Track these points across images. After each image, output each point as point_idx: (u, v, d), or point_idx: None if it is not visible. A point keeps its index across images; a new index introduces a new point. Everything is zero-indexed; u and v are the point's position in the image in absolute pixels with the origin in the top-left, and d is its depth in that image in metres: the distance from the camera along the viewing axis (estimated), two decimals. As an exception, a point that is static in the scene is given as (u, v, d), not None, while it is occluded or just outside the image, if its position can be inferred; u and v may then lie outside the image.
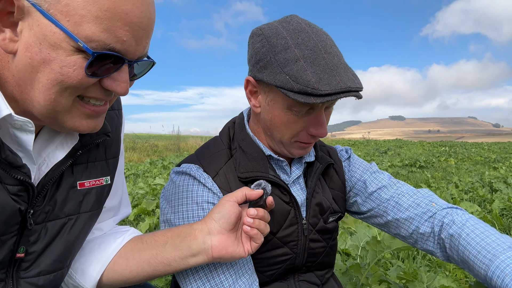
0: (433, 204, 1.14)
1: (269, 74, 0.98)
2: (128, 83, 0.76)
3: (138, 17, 0.70)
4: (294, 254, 1.16)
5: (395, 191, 1.20)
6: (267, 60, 0.99)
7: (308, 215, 1.17)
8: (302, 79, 0.92)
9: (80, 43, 0.65)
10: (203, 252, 0.93)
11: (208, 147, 1.17)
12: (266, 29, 1.02)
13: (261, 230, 0.96)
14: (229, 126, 1.22)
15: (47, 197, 0.85)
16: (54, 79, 0.68)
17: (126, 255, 1.00)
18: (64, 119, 0.75)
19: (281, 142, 1.09)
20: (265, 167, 1.11)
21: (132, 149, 15.30)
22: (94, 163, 0.95)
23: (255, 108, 1.11)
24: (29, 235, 0.84)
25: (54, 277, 0.90)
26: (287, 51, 0.95)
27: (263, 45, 1.00)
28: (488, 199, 4.65)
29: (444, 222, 1.08)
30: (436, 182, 6.58)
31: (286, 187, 1.12)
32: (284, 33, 0.98)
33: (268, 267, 1.14)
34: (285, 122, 1.04)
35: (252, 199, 0.97)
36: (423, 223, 1.12)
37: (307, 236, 1.17)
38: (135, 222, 3.74)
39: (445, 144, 21.91)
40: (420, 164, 9.81)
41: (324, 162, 1.22)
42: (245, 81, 1.09)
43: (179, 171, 1.11)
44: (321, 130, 1.04)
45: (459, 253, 1.00)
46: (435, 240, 1.11)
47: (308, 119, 1.03)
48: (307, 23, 1.01)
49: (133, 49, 0.72)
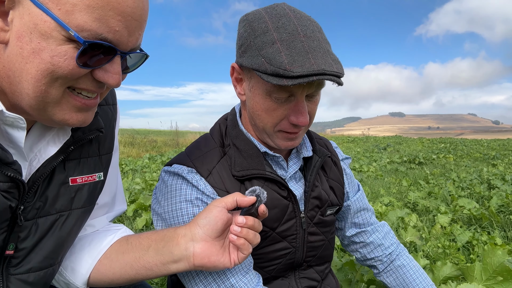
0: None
1: (248, 58, 0.97)
2: (120, 75, 0.75)
3: (131, 7, 0.69)
4: (293, 248, 1.16)
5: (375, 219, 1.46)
6: (248, 44, 0.98)
7: (306, 209, 1.17)
8: (276, 61, 0.90)
9: (71, 32, 0.64)
10: (184, 259, 0.90)
11: (199, 146, 1.15)
12: (250, 15, 1.02)
13: (249, 240, 0.91)
14: (220, 123, 1.20)
15: (38, 193, 0.84)
16: (44, 70, 0.67)
17: (110, 256, 0.98)
18: (53, 111, 0.74)
19: (264, 131, 1.07)
20: (261, 164, 1.09)
21: (131, 145, 15.27)
22: (86, 159, 0.94)
23: (240, 96, 1.10)
24: (19, 232, 0.83)
25: (45, 273, 0.89)
26: (266, 34, 0.94)
27: (245, 30, 1.00)
28: (486, 196, 4.65)
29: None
30: (435, 178, 6.58)
31: (284, 182, 1.11)
32: (266, 18, 0.97)
33: (268, 262, 1.14)
34: (265, 109, 1.02)
35: (243, 206, 0.92)
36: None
37: (305, 229, 1.17)
38: (133, 217, 3.74)
39: (444, 141, 21.90)
40: (419, 160, 9.81)
41: (323, 156, 1.22)
42: (231, 67, 1.08)
43: (171, 171, 1.09)
44: (301, 118, 1.00)
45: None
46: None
47: (289, 106, 1.01)
48: (292, 9, 0.99)
49: (126, 40, 0.71)
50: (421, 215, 3.98)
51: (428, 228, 3.39)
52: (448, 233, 3.10)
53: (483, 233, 3.03)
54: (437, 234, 3.12)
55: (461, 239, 2.92)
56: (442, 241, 2.82)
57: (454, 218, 3.67)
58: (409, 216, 3.47)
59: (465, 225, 3.47)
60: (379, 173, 7.43)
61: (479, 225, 3.48)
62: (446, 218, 3.50)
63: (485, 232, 3.07)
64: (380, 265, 1.42)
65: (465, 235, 2.96)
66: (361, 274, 1.95)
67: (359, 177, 6.86)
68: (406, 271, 1.38)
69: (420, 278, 1.37)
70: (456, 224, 3.31)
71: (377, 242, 1.41)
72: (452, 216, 3.64)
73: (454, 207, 3.96)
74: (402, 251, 1.43)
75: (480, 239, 2.89)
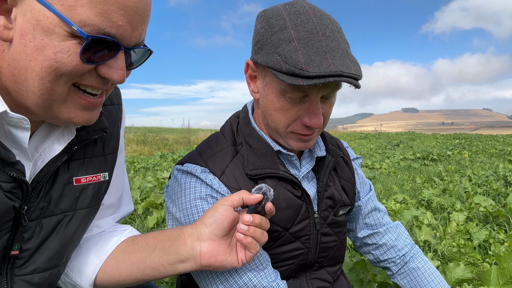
0: None
1: (264, 55, 0.94)
2: (124, 71, 0.74)
3: (134, 1, 0.68)
4: (306, 249, 1.14)
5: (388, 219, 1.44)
6: (264, 40, 0.95)
7: (320, 209, 1.15)
8: (292, 59, 0.87)
9: (74, 27, 0.63)
10: (191, 259, 0.89)
11: (211, 145, 1.13)
12: (268, 11, 0.99)
13: (257, 238, 0.89)
14: (231, 121, 1.18)
15: (42, 193, 0.84)
16: (48, 66, 0.66)
17: (117, 257, 0.98)
18: (59, 110, 0.73)
19: (277, 131, 1.05)
20: (275, 163, 1.07)
21: (143, 143, 15.44)
22: (91, 159, 0.93)
23: (253, 94, 1.08)
24: (24, 232, 0.82)
25: (50, 274, 0.89)
26: (284, 31, 0.91)
27: (262, 26, 0.97)
28: (503, 193, 4.54)
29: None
30: (449, 175, 6.46)
31: (298, 182, 1.08)
32: (284, 14, 0.94)
33: (280, 263, 1.12)
34: (278, 108, 0.99)
35: (250, 204, 0.90)
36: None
37: (319, 230, 1.15)
38: (144, 216, 3.76)
39: (459, 137, 21.52)
40: (433, 157, 9.65)
41: (336, 155, 1.19)
42: (245, 64, 1.06)
43: (184, 170, 1.07)
44: (314, 120, 0.97)
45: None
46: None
47: (302, 107, 0.98)
48: (312, 7, 0.96)
49: (129, 35, 0.70)
50: (436, 212, 3.90)
51: (443, 226, 3.33)
52: (464, 232, 3.02)
53: (500, 231, 2.95)
54: (452, 232, 3.05)
55: (477, 238, 2.85)
56: (457, 240, 2.76)
57: (470, 216, 3.59)
58: (424, 214, 3.41)
59: (481, 223, 3.39)
60: (392, 170, 7.33)
61: (495, 223, 3.39)
62: (461, 216, 3.42)
63: (502, 230, 2.99)
64: (394, 267, 1.39)
65: (481, 234, 2.88)
66: (373, 274, 1.91)
67: (372, 174, 6.78)
68: (421, 273, 1.34)
69: (435, 281, 1.33)
70: (472, 222, 3.23)
71: (390, 243, 1.37)
72: (467, 213, 3.56)
73: (470, 205, 3.87)
74: (416, 253, 1.39)
75: (497, 238, 2.81)
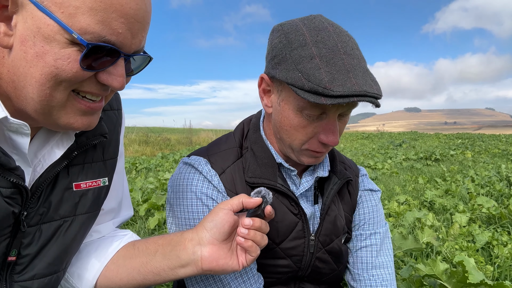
0: None
1: (282, 71, 0.92)
2: (124, 78, 0.75)
3: (134, 9, 0.68)
4: (296, 268, 1.12)
5: (382, 272, 1.20)
6: (282, 56, 0.93)
7: (319, 232, 1.12)
8: (315, 77, 0.85)
9: (75, 34, 0.64)
10: (192, 263, 0.90)
11: (219, 143, 1.15)
12: (286, 25, 0.97)
13: (257, 242, 0.90)
14: (244, 123, 1.19)
15: (41, 198, 0.84)
16: (48, 73, 0.67)
17: (117, 262, 0.98)
18: (58, 115, 0.74)
19: (290, 147, 1.03)
20: (274, 175, 1.06)
21: (145, 143, 15.45)
22: (91, 164, 0.93)
23: (267, 108, 1.06)
24: (23, 238, 0.82)
25: (49, 280, 0.88)
26: (304, 48, 0.89)
27: (280, 41, 0.95)
28: (506, 194, 4.52)
29: None
30: (452, 176, 6.43)
31: (295, 198, 1.07)
32: (303, 30, 0.92)
33: (268, 275, 1.11)
34: (295, 125, 0.97)
35: (249, 208, 0.91)
36: None
37: (313, 253, 1.12)
38: (145, 217, 3.76)
39: (462, 136, 21.44)
40: (435, 157, 9.62)
41: (343, 178, 1.15)
42: (259, 78, 1.04)
43: (188, 162, 1.10)
44: (332, 137, 0.95)
45: None
46: None
47: (320, 124, 0.96)
48: (331, 23, 0.94)
49: (129, 42, 0.71)
50: (438, 214, 3.89)
51: (445, 227, 3.31)
52: (467, 233, 3.01)
53: (503, 233, 2.93)
54: (455, 234, 3.03)
55: (480, 240, 2.83)
56: (460, 241, 2.74)
57: (473, 217, 3.57)
58: (426, 216, 3.39)
59: (484, 225, 3.37)
60: (394, 170, 7.31)
61: (499, 225, 3.37)
62: (464, 217, 3.40)
63: (505, 232, 2.97)
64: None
65: (484, 235, 2.86)
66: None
67: (374, 175, 6.76)
68: None
69: None
70: (475, 224, 3.21)
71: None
72: (470, 215, 3.54)
73: (472, 206, 3.85)
74: None
75: (500, 240, 2.79)
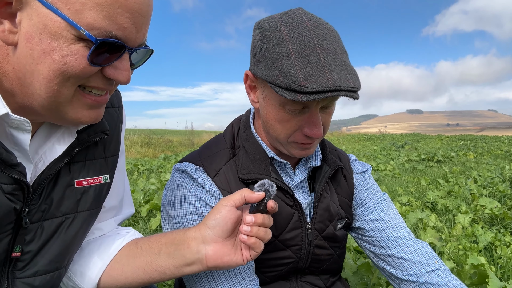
0: (436, 261, 1.13)
1: (262, 68, 0.94)
2: (129, 71, 0.76)
3: (138, 3, 0.69)
4: (297, 258, 1.13)
5: (402, 233, 1.18)
6: (262, 53, 0.95)
7: (314, 220, 1.14)
8: (290, 75, 0.87)
9: (83, 30, 0.65)
10: (197, 262, 0.90)
11: (210, 146, 1.16)
12: (266, 22, 0.98)
13: (261, 237, 0.90)
14: (233, 124, 1.20)
15: (43, 195, 0.84)
16: (56, 70, 0.67)
17: (121, 260, 0.98)
18: (65, 110, 0.74)
19: (278, 141, 1.05)
20: (267, 169, 1.08)
21: (147, 145, 15.46)
22: (92, 161, 0.94)
23: (254, 104, 1.08)
24: (25, 234, 0.82)
25: (51, 277, 0.89)
26: (281, 45, 0.91)
27: (260, 38, 0.97)
28: (509, 195, 4.50)
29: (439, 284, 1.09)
30: (455, 177, 6.41)
31: (289, 190, 1.08)
32: (281, 27, 0.93)
33: (269, 268, 1.12)
34: (279, 120, 0.99)
35: (252, 202, 0.91)
36: (423, 274, 1.11)
37: (311, 241, 1.14)
38: (147, 218, 3.76)
39: (464, 138, 21.37)
40: (438, 158, 9.59)
41: (334, 166, 1.17)
42: (244, 75, 1.06)
43: (180, 169, 1.10)
44: (315, 130, 0.97)
45: None
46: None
47: (303, 118, 0.98)
48: (309, 17, 0.95)
49: (134, 37, 0.72)
50: (441, 215, 3.87)
51: (448, 228, 3.29)
52: (469, 234, 2.99)
53: (506, 234, 2.92)
54: (457, 235, 3.02)
55: (482, 240, 2.82)
56: (463, 242, 2.73)
57: (475, 218, 3.56)
58: (429, 217, 3.38)
59: (486, 225, 3.36)
60: (396, 172, 7.29)
61: (501, 225, 3.36)
62: (466, 218, 3.39)
63: (508, 233, 2.96)
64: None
65: (487, 236, 2.85)
66: (377, 277, 1.89)
67: (376, 176, 6.75)
68: None
69: None
70: (478, 225, 3.20)
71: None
72: (473, 216, 3.52)
73: (475, 207, 3.83)
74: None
75: (503, 240, 2.78)
